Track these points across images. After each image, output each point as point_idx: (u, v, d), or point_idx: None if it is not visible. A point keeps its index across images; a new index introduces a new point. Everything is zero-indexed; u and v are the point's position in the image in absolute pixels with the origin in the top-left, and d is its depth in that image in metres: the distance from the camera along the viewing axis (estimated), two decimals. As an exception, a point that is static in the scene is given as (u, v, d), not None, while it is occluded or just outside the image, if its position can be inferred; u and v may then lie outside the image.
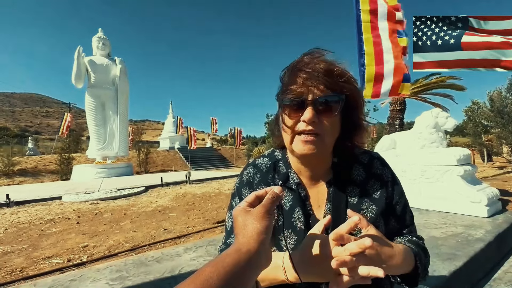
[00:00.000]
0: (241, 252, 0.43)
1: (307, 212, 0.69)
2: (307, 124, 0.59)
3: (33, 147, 25.46)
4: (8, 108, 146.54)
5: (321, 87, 0.60)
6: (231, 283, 0.39)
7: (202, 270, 0.39)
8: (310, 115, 0.59)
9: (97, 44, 15.17)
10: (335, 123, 0.63)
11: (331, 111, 0.60)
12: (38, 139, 40.51)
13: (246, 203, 0.50)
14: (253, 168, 0.78)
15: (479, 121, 10.13)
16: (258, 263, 0.45)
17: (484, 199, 2.81)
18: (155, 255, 2.20)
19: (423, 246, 0.71)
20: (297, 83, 0.62)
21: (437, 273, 1.65)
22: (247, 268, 0.42)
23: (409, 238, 0.71)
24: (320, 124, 0.60)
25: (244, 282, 0.41)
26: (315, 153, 0.61)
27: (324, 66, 0.60)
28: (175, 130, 26.63)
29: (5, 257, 3.16)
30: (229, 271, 0.39)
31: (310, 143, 0.60)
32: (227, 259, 0.41)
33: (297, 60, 0.65)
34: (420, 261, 0.65)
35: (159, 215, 5.01)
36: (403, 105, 9.31)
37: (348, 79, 0.62)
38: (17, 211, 5.97)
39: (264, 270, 0.57)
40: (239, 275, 0.40)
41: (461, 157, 3.11)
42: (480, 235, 2.27)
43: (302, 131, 0.61)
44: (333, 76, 0.60)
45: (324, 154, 0.66)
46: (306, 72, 0.61)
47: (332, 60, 0.63)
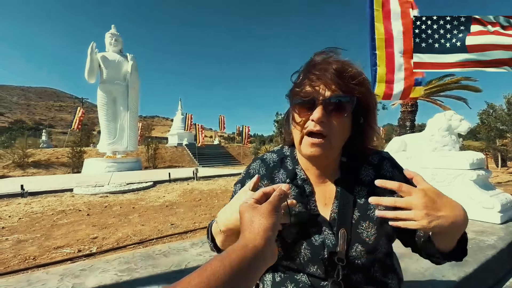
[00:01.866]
0: (247, 248, 0.43)
1: (310, 208, 0.70)
2: (316, 124, 0.59)
3: (46, 140, 26.23)
4: (24, 101, 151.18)
5: (333, 87, 0.60)
6: (237, 278, 0.39)
7: (208, 264, 0.39)
8: (319, 114, 0.59)
9: (109, 41, 15.44)
10: (344, 125, 0.63)
11: (341, 112, 0.60)
12: (51, 132, 41.69)
13: (253, 200, 0.51)
14: (260, 162, 0.79)
15: (494, 125, 9.82)
16: (264, 260, 0.45)
17: (498, 205, 2.73)
18: (163, 249, 2.23)
19: None
20: (308, 82, 0.62)
21: (446, 278, 1.61)
22: (253, 264, 0.42)
23: None
24: (328, 125, 0.60)
25: (249, 277, 0.42)
26: (321, 156, 0.62)
27: (336, 67, 0.60)
28: (184, 127, 26.89)
29: (19, 245, 3.28)
30: (235, 266, 0.40)
31: (317, 145, 0.61)
32: (233, 255, 0.41)
33: (310, 59, 0.65)
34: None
35: (166, 210, 5.09)
36: (414, 106, 9.13)
37: (360, 82, 0.62)
38: (30, 202, 6.17)
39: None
40: (245, 271, 0.41)
41: (474, 161, 3.02)
42: (492, 242, 2.21)
43: (310, 130, 0.61)
44: (345, 77, 0.60)
45: (332, 155, 0.66)
46: (318, 71, 0.61)
47: (345, 61, 0.63)
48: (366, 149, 0.74)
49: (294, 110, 0.65)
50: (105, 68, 14.58)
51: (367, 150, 0.74)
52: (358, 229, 0.65)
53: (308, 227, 0.67)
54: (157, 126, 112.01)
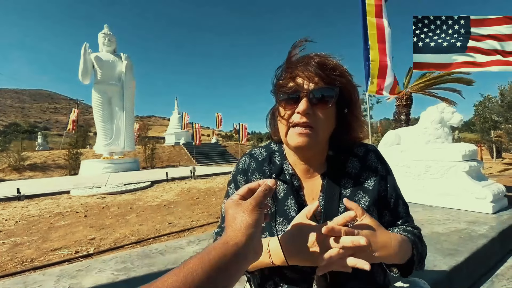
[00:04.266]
0: (228, 245, 0.42)
1: (300, 202, 0.71)
2: (302, 116, 0.61)
3: (42, 142, 26.00)
4: (18, 104, 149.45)
5: (316, 80, 0.61)
6: (216, 276, 0.38)
7: (187, 262, 0.39)
8: (304, 106, 0.60)
9: (103, 41, 15.27)
10: (329, 116, 0.64)
11: (325, 103, 0.62)
12: (47, 134, 41.35)
13: (238, 196, 0.51)
14: (249, 157, 0.80)
15: (489, 117, 9.91)
16: (245, 257, 0.44)
17: (489, 195, 2.78)
18: (159, 248, 2.25)
19: (419, 235, 0.72)
20: (292, 77, 0.63)
21: (438, 268, 1.65)
22: (234, 262, 0.41)
23: (404, 228, 0.72)
24: (314, 116, 0.62)
25: (229, 275, 0.41)
26: (309, 146, 0.63)
27: (318, 60, 0.62)
28: (181, 126, 26.79)
29: (16, 248, 3.27)
30: (215, 264, 0.39)
31: (304, 135, 0.62)
32: (213, 252, 0.41)
33: (289, 54, 0.66)
34: (417, 249, 0.66)
35: (164, 209, 5.09)
36: (409, 100, 9.18)
37: (341, 73, 0.63)
38: (27, 205, 6.14)
39: None
40: (224, 268, 0.40)
41: (466, 152, 3.06)
42: (483, 231, 2.25)
43: (296, 123, 0.62)
44: (327, 69, 0.61)
45: (318, 147, 0.67)
46: (300, 66, 0.63)
47: (325, 54, 0.65)
48: (354, 141, 0.75)
49: (280, 104, 0.66)
50: (99, 69, 14.44)
51: (355, 142, 0.76)
52: None
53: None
54: (154, 126, 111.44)
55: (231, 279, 0.41)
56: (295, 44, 0.66)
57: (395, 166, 3.61)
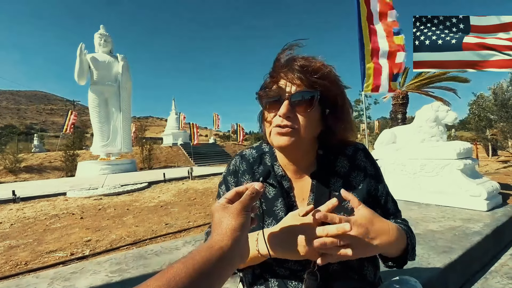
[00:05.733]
0: (213, 249, 0.42)
1: (290, 203, 0.71)
2: (283, 119, 0.62)
3: (38, 144, 25.79)
4: (14, 106, 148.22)
5: (297, 83, 0.62)
6: (200, 281, 0.38)
7: (171, 266, 0.38)
8: (285, 110, 0.61)
9: (99, 41, 15.18)
10: (311, 119, 0.64)
11: (306, 106, 0.62)
12: (43, 136, 41.05)
13: (225, 199, 0.50)
14: (240, 158, 0.80)
15: (484, 115, 9.99)
16: (230, 261, 0.44)
17: (484, 192, 2.80)
18: (155, 249, 2.24)
19: (409, 226, 0.73)
20: (275, 81, 0.65)
21: (432, 265, 1.65)
22: (219, 266, 0.41)
23: (395, 220, 0.73)
24: (295, 119, 0.63)
25: (214, 279, 0.40)
26: (292, 145, 0.63)
27: (300, 63, 0.63)
28: (178, 126, 26.73)
29: (11, 251, 3.24)
30: (198, 268, 0.38)
31: (286, 135, 0.62)
32: (197, 256, 0.40)
33: (276, 58, 0.67)
34: (410, 239, 0.67)
35: (161, 210, 5.08)
36: (405, 99, 9.23)
37: (323, 75, 0.63)
38: (23, 207, 6.08)
39: None
40: (209, 273, 0.39)
41: (461, 150, 3.08)
42: (478, 229, 2.27)
43: (278, 125, 0.63)
44: (308, 72, 0.62)
45: (303, 146, 0.67)
46: (283, 69, 0.64)
47: (309, 57, 0.65)
48: (342, 142, 0.75)
49: (265, 108, 0.68)
50: (95, 69, 14.35)
51: (344, 142, 0.76)
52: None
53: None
54: (151, 127, 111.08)
55: (216, 283, 0.41)
56: (284, 48, 0.66)
57: (390, 164, 3.62)
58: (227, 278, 0.44)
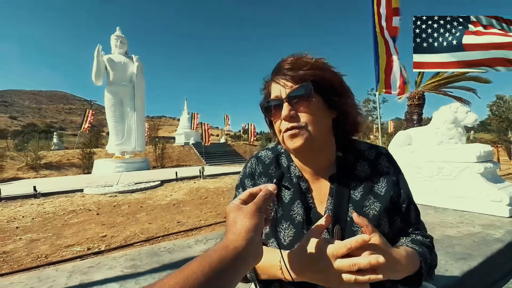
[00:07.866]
0: (228, 249, 0.43)
1: (307, 205, 0.69)
2: (288, 122, 0.62)
3: (58, 142, 26.80)
4: (35, 105, 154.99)
5: (290, 83, 0.63)
6: (216, 279, 0.39)
7: (187, 265, 0.39)
8: (286, 112, 0.62)
9: (115, 43, 15.62)
10: (315, 111, 0.63)
11: (304, 101, 0.62)
12: (62, 134, 42.64)
13: (240, 200, 0.51)
14: (256, 160, 0.79)
15: (506, 117, 9.53)
16: (245, 261, 0.44)
17: (506, 198, 2.68)
18: (167, 246, 2.28)
19: (428, 244, 0.69)
20: (272, 88, 0.67)
21: (449, 273, 1.60)
22: (233, 265, 0.42)
23: (412, 238, 0.70)
24: (299, 117, 0.62)
25: (229, 279, 0.41)
26: (305, 144, 0.62)
27: (288, 64, 0.64)
28: (190, 126, 27.07)
29: (32, 244, 3.40)
30: (214, 267, 0.39)
31: (296, 135, 0.62)
32: (213, 255, 0.41)
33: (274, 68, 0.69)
34: (425, 262, 0.64)
35: (173, 209, 5.17)
36: (421, 99, 8.95)
37: (312, 65, 0.63)
38: (43, 202, 6.36)
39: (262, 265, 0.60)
40: (224, 272, 0.40)
41: (481, 153, 2.96)
42: (499, 236, 2.17)
43: (286, 129, 0.63)
44: (296, 68, 0.63)
45: (317, 143, 0.65)
46: (275, 76, 0.66)
47: (296, 54, 0.66)
48: (362, 142, 0.74)
49: (270, 118, 0.69)
50: (112, 70, 14.78)
51: (363, 143, 0.75)
52: (353, 227, 0.64)
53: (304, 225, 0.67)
54: (164, 126, 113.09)
55: (231, 283, 0.42)
56: (283, 59, 0.66)
57: (405, 167, 3.52)
58: (241, 277, 0.44)
